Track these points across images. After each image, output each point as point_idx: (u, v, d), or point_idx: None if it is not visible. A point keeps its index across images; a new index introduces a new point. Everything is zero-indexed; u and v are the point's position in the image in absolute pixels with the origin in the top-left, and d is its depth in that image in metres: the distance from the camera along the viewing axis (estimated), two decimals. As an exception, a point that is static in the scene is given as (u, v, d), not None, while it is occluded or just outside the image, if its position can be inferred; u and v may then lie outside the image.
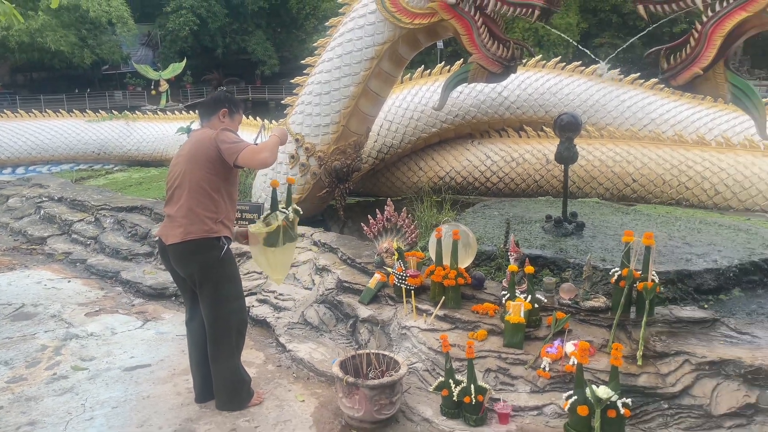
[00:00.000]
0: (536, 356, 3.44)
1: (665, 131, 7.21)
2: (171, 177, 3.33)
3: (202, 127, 3.47)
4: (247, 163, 3.20)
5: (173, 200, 3.27)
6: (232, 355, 3.39)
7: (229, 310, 3.33)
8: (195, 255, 3.21)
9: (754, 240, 4.86)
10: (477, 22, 5.08)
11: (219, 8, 37.48)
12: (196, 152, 3.24)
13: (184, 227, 3.18)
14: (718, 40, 4.20)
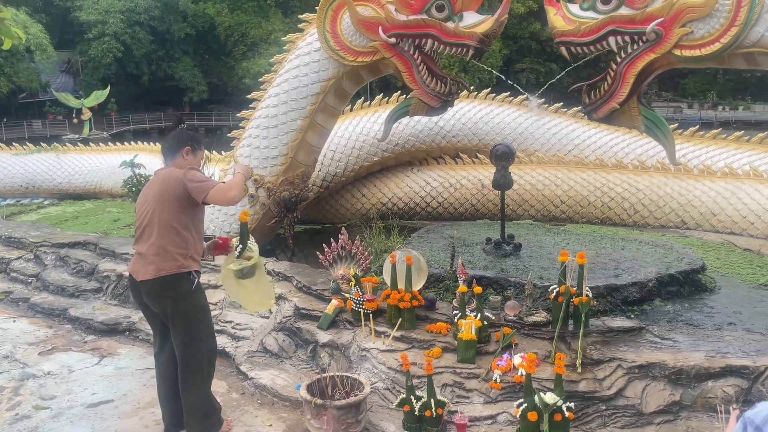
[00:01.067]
0: (488, 369, 3.76)
1: (588, 156, 7.83)
2: (140, 215, 3.45)
3: (167, 165, 3.61)
4: (217, 201, 3.38)
5: (143, 238, 3.39)
6: (204, 384, 3.52)
7: (201, 340, 3.46)
8: (168, 290, 3.34)
9: (669, 254, 5.42)
10: (416, 60, 5.46)
11: (144, 35, 36.74)
12: (164, 192, 3.38)
13: (156, 264, 3.30)
14: (631, 78, 4.75)
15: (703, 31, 4.43)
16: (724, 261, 5.91)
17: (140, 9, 36.28)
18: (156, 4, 36.83)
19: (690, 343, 3.79)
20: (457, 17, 5.25)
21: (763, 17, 4.27)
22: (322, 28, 5.70)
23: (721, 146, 7.72)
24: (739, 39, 4.34)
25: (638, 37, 4.62)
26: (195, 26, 39.27)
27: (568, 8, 4.89)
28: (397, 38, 5.39)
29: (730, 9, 4.33)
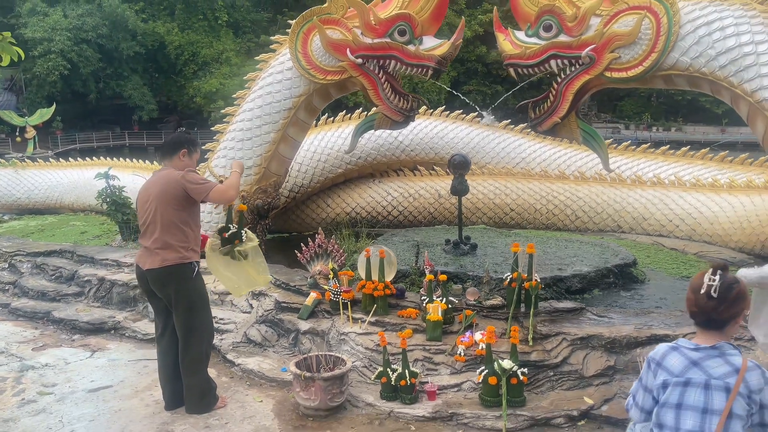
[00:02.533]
0: (453, 345, 4.31)
1: (533, 168, 8.57)
2: (143, 214, 3.87)
3: (164, 167, 4.03)
4: (216, 201, 3.86)
5: (147, 234, 3.81)
6: (203, 363, 3.93)
7: (201, 322, 3.89)
8: (172, 278, 3.77)
9: (606, 252, 6.15)
10: (381, 79, 6.03)
11: (92, 53, 36.23)
12: (165, 192, 3.80)
13: (161, 255, 3.74)
14: (570, 96, 5.45)
15: (629, 56, 5.17)
16: (653, 258, 6.68)
17: (88, 27, 35.85)
18: (104, 22, 36.45)
19: (622, 319, 4.45)
20: (417, 41, 5.86)
21: (677, 45, 5.05)
22: (294, 49, 6.21)
23: (650, 159, 8.60)
24: (659, 63, 5.10)
25: (575, 60, 5.32)
26: (144, 45, 38.99)
27: (515, 34, 5.57)
28: (364, 59, 5.95)
29: (651, 38, 5.09)
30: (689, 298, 2.34)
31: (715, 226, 7.18)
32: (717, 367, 2.24)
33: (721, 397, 2.19)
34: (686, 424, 2.20)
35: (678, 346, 2.34)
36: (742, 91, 4.83)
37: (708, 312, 2.26)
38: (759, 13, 4.91)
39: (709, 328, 2.31)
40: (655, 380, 2.29)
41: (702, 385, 2.22)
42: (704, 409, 2.20)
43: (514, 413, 3.82)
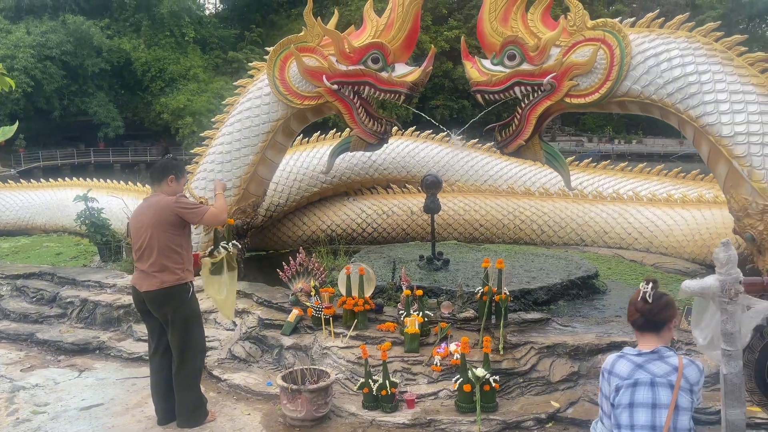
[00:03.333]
0: (430, 356, 4.60)
1: (501, 185, 8.98)
2: (137, 239, 4.07)
3: (155, 193, 4.25)
4: (210, 224, 4.12)
5: (144, 258, 4.01)
6: (196, 378, 4.14)
7: (196, 340, 4.10)
8: (170, 298, 3.98)
9: (570, 265, 6.54)
10: (356, 104, 6.34)
11: (56, 70, 35.66)
12: (159, 218, 4.02)
13: (159, 278, 3.95)
14: (533, 120, 5.84)
15: (586, 83, 5.58)
16: (614, 270, 7.11)
17: (52, 44, 35.34)
18: (68, 39, 35.97)
19: (584, 328, 4.82)
20: (390, 68, 6.18)
21: (629, 74, 5.48)
22: (272, 75, 6.48)
23: (610, 175, 9.10)
24: (613, 90, 5.52)
25: (537, 87, 5.70)
26: (110, 61, 38.53)
27: (481, 62, 5.95)
28: (339, 85, 6.25)
29: (606, 67, 5.50)
30: (630, 310, 2.73)
31: (670, 238, 7.66)
32: (659, 368, 2.60)
33: (667, 392, 2.54)
34: (639, 420, 2.54)
35: (624, 354, 2.70)
36: (688, 116, 5.28)
37: (646, 314, 2.64)
38: (702, 45, 5.38)
39: (649, 331, 2.69)
40: (609, 387, 2.63)
41: (648, 383, 2.57)
42: (653, 404, 2.54)
43: (487, 418, 4.12)
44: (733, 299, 3.26)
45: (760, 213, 5.00)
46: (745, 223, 5.16)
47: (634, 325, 2.73)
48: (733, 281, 3.25)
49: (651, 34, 5.55)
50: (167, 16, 39.77)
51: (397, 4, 6.13)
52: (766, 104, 5.08)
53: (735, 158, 5.06)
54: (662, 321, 2.71)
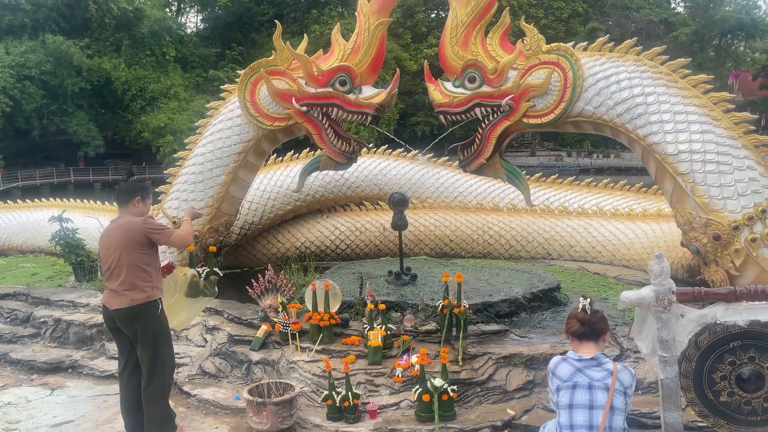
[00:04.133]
0: (392, 368, 4.78)
1: (470, 201, 9.23)
2: (106, 259, 4.20)
3: (122, 214, 4.39)
4: (177, 246, 4.29)
5: (113, 277, 4.15)
6: (165, 393, 4.27)
7: (165, 356, 4.24)
8: (139, 315, 4.11)
9: (534, 278, 6.77)
10: (325, 125, 6.56)
11: (35, 89, 35.60)
12: (128, 239, 4.15)
13: (129, 296, 4.08)
14: (493, 139, 6.09)
15: (542, 105, 5.86)
16: (578, 282, 7.35)
17: (31, 63, 35.34)
18: (48, 59, 35.97)
19: (540, 339, 5.04)
20: (357, 90, 6.43)
21: (582, 95, 5.76)
22: (243, 98, 6.69)
23: (575, 191, 9.38)
24: (567, 111, 5.79)
25: (497, 108, 5.97)
26: (90, 80, 38.54)
27: (444, 85, 6.21)
28: (308, 107, 6.48)
29: (560, 89, 5.79)
30: (570, 322, 2.99)
31: (632, 251, 7.93)
32: (597, 373, 2.85)
33: (603, 394, 2.79)
34: (578, 420, 2.79)
35: (567, 358, 2.94)
36: (636, 135, 5.57)
37: (587, 323, 2.93)
38: (648, 69, 5.69)
39: (588, 340, 2.93)
40: (552, 386, 2.86)
41: (586, 386, 2.82)
42: (590, 405, 2.80)
43: (445, 426, 4.30)
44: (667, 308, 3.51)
45: (703, 226, 5.28)
46: (690, 236, 5.44)
47: (575, 335, 2.99)
48: (666, 291, 3.50)
49: (602, 57, 5.85)
50: (148, 36, 39.95)
51: (363, 29, 6.39)
52: (707, 124, 5.38)
53: (679, 175, 5.35)
54: (600, 331, 2.98)
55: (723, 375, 3.42)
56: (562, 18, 45.32)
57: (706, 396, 3.48)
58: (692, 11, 53.56)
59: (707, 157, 5.25)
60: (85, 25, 39.50)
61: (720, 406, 3.46)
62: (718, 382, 3.43)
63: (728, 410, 3.44)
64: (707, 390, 3.47)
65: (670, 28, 48.87)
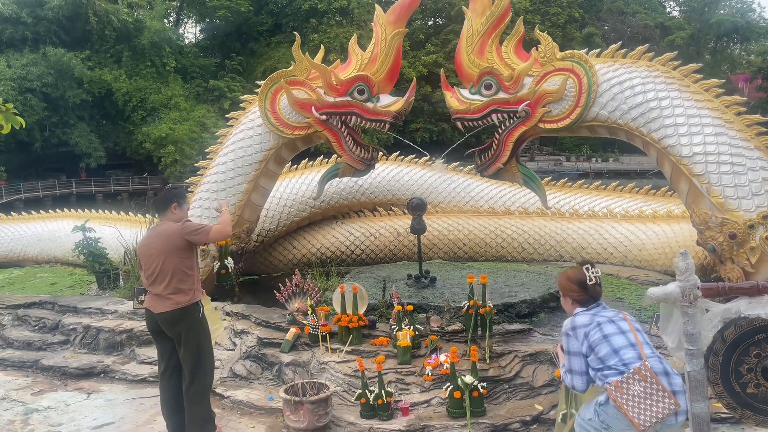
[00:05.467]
0: (421, 367, 4.93)
1: (482, 206, 9.40)
2: (149, 265, 4.35)
3: (161, 222, 4.55)
4: (217, 239, 4.52)
5: (157, 282, 4.29)
6: (206, 394, 4.42)
7: (206, 357, 4.39)
8: (183, 318, 4.27)
9: (549, 279, 6.93)
10: (343, 133, 6.72)
11: (37, 102, 35.66)
12: (169, 245, 4.31)
13: (173, 299, 4.24)
14: (510, 144, 6.26)
15: (558, 110, 6.03)
16: (591, 283, 7.50)
17: (32, 76, 35.44)
18: (49, 71, 36.11)
19: (564, 336, 5.18)
20: (375, 99, 6.59)
21: (597, 101, 5.93)
22: (263, 107, 6.86)
23: (585, 194, 9.56)
24: (583, 116, 5.96)
25: (513, 114, 6.13)
26: (91, 92, 38.67)
27: (460, 92, 6.37)
28: (327, 115, 6.64)
29: (575, 95, 5.95)
30: (575, 289, 3.20)
31: (643, 252, 8.11)
32: (607, 312, 3.18)
33: (624, 323, 3.11)
34: (618, 343, 3.01)
35: (577, 313, 3.19)
36: (651, 139, 5.74)
37: (597, 296, 3.22)
38: (661, 74, 5.87)
39: (593, 302, 3.22)
40: (578, 338, 3.08)
41: (607, 321, 3.10)
42: (621, 331, 3.07)
43: (476, 422, 4.45)
44: (693, 303, 3.66)
45: (719, 225, 5.45)
46: (706, 236, 5.60)
47: (579, 302, 3.21)
48: (692, 287, 3.65)
49: (615, 63, 6.04)
50: (148, 47, 40.17)
51: (380, 39, 6.57)
52: (720, 126, 5.56)
53: (694, 176, 5.52)
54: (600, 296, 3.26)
55: (749, 367, 3.56)
56: (558, 24, 45.67)
57: (734, 389, 3.61)
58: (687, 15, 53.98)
59: (722, 158, 5.43)
60: (85, 38, 39.70)
61: (747, 397, 3.60)
62: (745, 374, 3.57)
63: (755, 401, 3.57)
64: (734, 383, 3.61)
65: (665, 32, 49.27)
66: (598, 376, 3.00)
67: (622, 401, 2.85)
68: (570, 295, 3.23)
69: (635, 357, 2.95)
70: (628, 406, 2.85)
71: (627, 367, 2.92)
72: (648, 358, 2.97)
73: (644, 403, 2.85)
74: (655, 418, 2.84)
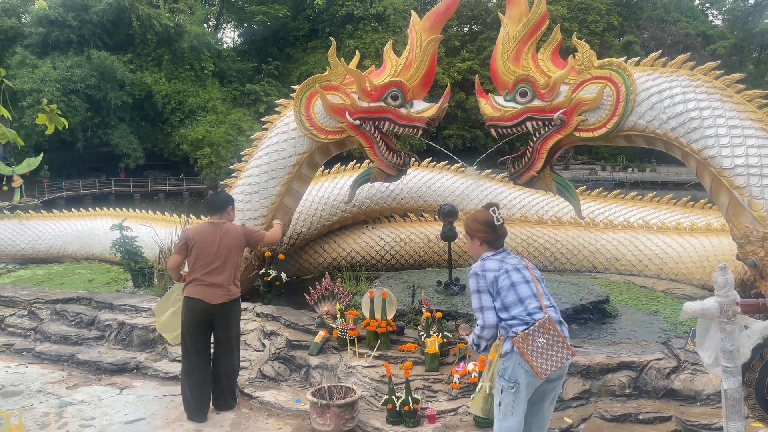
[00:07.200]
0: (449, 375, 4.90)
1: (514, 214, 9.31)
2: (211, 256, 4.80)
3: (219, 220, 4.98)
4: (268, 245, 5.64)
5: (217, 272, 4.78)
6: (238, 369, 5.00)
7: (239, 340, 5.01)
8: (234, 307, 4.87)
9: (582, 290, 6.82)
10: (376, 138, 6.74)
11: (80, 103, 36.83)
12: (234, 243, 4.92)
13: (230, 291, 4.85)
14: (544, 152, 6.19)
15: (594, 118, 5.94)
16: (625, 295, 7.36)
17: (77, 78, 36.59)
18: (93, 74, 37.24)
19: (595, 349, 5.09)
20: (408, 104, 6.59)
21: (635, 110, 5.83)
22: (298, 112, 6.93)
23: (621, 204, 9.39)
24: (620, 125, 5.86)
25: (548, 122, 6.06)
26: (132, 94, 39.76)
27: (495, 99, 6.34)
28: (361, 120, 6.66)
29: (612, 103, 5.86)
30: (484, 230, 3.50)
31: (680, 265, 7.91)
32: (512, 259, 3.46)
33: (526, 272, 3.40)
34: (523, 293, 3.30)
35: (485, 258, 3.45)
36: (690, 149, 5.61)
37: (504, 234, 3.55)
38: (702, 83, 5.74)
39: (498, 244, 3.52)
40: (487, 280, 3.34)
41: (513, 269, 3.37)
42: (525, 280, 3.35)
43: (504, 432, 4.39)
44: (731, 319, 3.57)
45: (760, 240, 5.29)
46: (747, 250, 5.44)
47: (487, 242, 3.51)
48: (731, 302, 3.56)
49: (654, 72, 5.92)
50: (188, 51, 41.09)
51: (415, 45, 6.58)
52: (763, 138, 5.40)
53: (735, 189, 5.38)
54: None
55: (786, 384, 3.47)
56: (596, 31, 45.09)
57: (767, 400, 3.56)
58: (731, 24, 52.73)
59: (764, 170, 5.27)
60: (128, 41, 40.81)
61: (779, 410, 3.53)
62: (780, 388, 3.49)
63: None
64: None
65: (707, 41, 48.19)
66: (503, 325, 3.29)
67: (527, 351, 3.16)
68: (479, 236, 3.50)
69: (537, 308, 3.26)
70: (532, 356, 3.16)
71: (531, 317, 3.23)
72: (546, 308, 3.28)
73: (546, 354, 3.18)
74: (555, 367, 3.20)
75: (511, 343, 3.24)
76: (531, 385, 3.27)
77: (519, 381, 3.26)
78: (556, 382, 3.42)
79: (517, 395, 3.27)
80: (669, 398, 4.69)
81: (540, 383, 3.29)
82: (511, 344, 3.23)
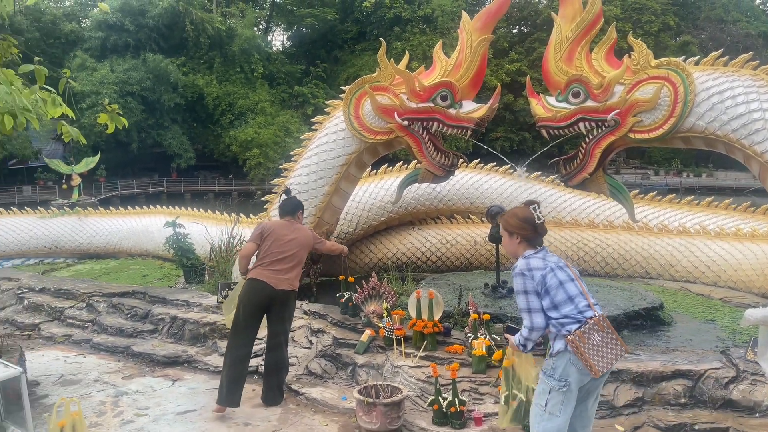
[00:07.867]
0: (496, 378, 4.83)
1: (564, 217, 9.14)
2: (283, 247, 5.12)
3: (292, 221, 5.33)
4: (321, 253, 5.82)
5: (284, 262, 5.09)
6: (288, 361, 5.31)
7: (288, 331, 5.28)
8: (292, 297, 5.20)
9: (635, 296, 6.64)
10: (425, 139, 6.72)
11: (135, 104, 38.04)
12: (305, 242, 5.26)
13: (292, 282, 5.13)
14: (597, 154, 6.06)
15: (650, 120, 5.79)
16: (681, 303, 7.13)
17: (133, 80, 37.82)
18: (148, 76, 38.43)
19: (649, 356, 4.94)
20: (457, 105, 6.56)
21: (693, 111, 5.65)
22: (347, 112, 6.98)
23: (676, 208, 9.11)
24: (677, 126, 5.70)
25: (602, 123, 5.94)
26: (185, 96, 40.85)
27: (546, 99, 6.24)
28: (409, 121, 6.66)
29: (669, 104, 5.70)
30: (523, 227, 3.42)
31: (739, 272, 7.61)
32: (552, 257, 3.39)
33: (568, 270, 3.35)
34: (572, 291, 3.26)
35: (528, 256, 3.37)
36: (753, 152, 5.40)
37: (544, 232, 3.47)
38: (766, 83, 5.51)
39: (539, 243, 3.45)
40: (535, 280, 3.27)
41: (556, 267, 3.31)
42: (571, 278, 3.31)
43: (552, 438, 4.30)
44: (796, 328, 3.42)
45: (828, 247, 5.04)
46: (813, 257, 5.19)
47: (528, 240, 3.43)
48: (796, 311, 3.40)
49: (715, 72, 5.73)
50: (238, 54, 41.94)
51: (465, 45, 6.54)
52: (832, 140, 5.15)
53: (801, 193, 5.14)
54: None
55: None
56: (651, 32, 43.83)
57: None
58: (794, 23, 50.46)
59: (833, 174, 5.03)
60: (181, 45, 41.96)
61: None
62: None
63: None
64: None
65: (769, 41, 46.27)
66: (554, 324, 3.24)
67: (585, 350, 3.13)
68: (520, 233, 3.42)
69: (587, 305, 3.24)
70: (589, 353, 3.13)
71: (582, 315, 3.20)
72: (594, 306, 3.26)
73: (602, 351, 3.16)
74: (610, 363, 3.19)
75: (563, 342, 3.20)
76: (581, 383, 3.25)
77: (570, 380, 3.22)
78: (600, 380, 3.38)
79: (567, 394, 3.24)
80: (726, 409, 4.51)
81: (587, 382, 3.26)
82: (564, 343, 3.20)
